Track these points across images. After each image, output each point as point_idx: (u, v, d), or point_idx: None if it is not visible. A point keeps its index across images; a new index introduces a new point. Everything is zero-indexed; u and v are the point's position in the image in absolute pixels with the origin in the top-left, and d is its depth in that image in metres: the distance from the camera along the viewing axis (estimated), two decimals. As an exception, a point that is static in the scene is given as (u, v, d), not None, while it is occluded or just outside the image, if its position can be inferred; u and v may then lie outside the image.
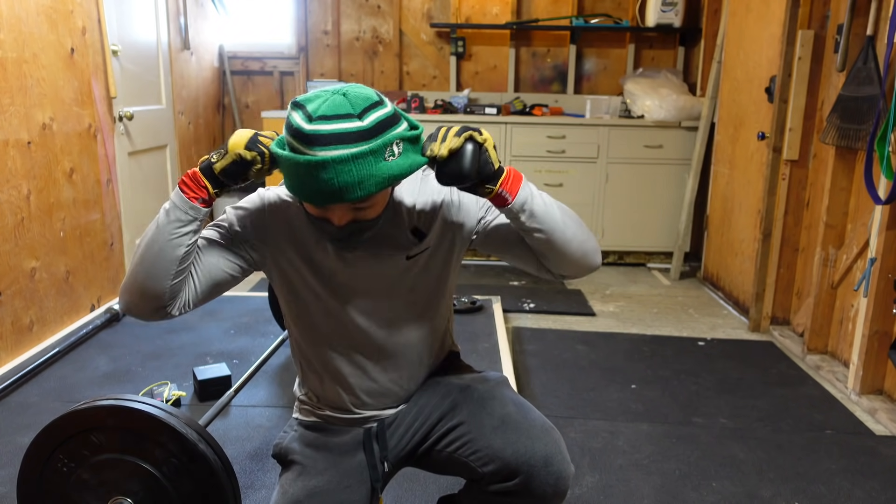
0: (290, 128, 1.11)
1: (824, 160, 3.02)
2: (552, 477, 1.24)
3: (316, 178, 1.07)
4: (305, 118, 1.09)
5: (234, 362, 2.71)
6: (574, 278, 1.30)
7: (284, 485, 1.31)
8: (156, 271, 1.18)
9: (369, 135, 1.09)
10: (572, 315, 3.54)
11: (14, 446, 2.09)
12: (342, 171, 1.07)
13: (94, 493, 1.32)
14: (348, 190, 1.08)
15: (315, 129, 1.07)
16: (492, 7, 4.69)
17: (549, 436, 1.27)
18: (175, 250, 1.18)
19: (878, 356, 2.58)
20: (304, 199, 1.13)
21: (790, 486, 2.04)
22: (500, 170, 1.19)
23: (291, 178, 1.12)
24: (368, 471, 1.33)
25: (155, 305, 1.21)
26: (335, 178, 1.07)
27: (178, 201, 1.19)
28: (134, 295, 1.21)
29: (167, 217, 1.19)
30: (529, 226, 1.21)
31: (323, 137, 1.07)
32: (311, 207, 1.20)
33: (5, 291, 2.63)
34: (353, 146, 1.07)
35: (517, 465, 1.24)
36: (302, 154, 1.08)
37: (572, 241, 1.23)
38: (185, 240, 1.19)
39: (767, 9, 3.36)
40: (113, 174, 3.40)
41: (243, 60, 4.86)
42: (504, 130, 4.29)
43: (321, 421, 1.42)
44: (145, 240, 1.20)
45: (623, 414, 2.47)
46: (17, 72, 2.65)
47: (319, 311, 1.33)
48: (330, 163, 1.06)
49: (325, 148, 1.07)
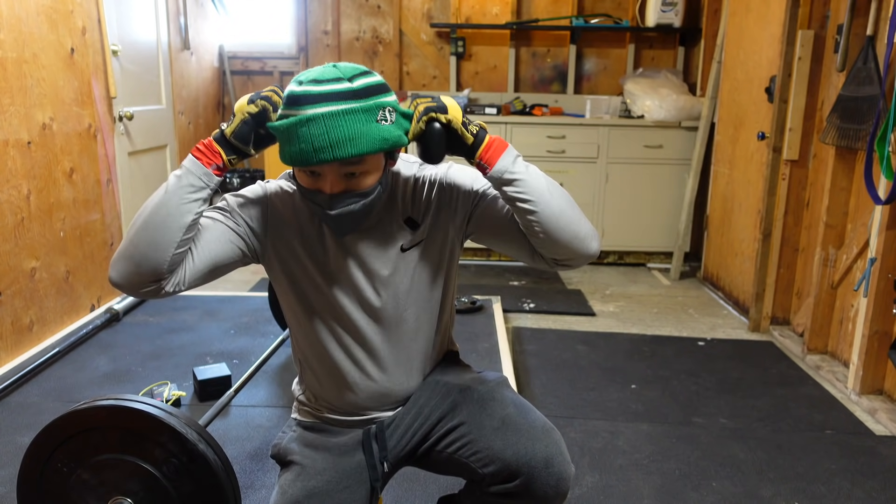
0: (286, 97, 1.16)
1: (824, 160, 3.02)
2: (553, 478, 1.23)
3: (308, 133, 1.11)
4: (296, 83, 1.15)
5: (234, 362, 2.71)
6: (569, 265, 1.26)
7: (283, 485, 1.31)
8: (160, 238, 1.15)
9: (359, 95, 1.13)
10: (572, 315, 3.54)
11: (14, 446, 2.09)
12: (333, 125, 1.10)
13: (94, 493, 1.32)
14: (339, 145, 1.11)
15: (305, 90, 1.12)
16: (492, 7, 4.69)
17: (549, 437, 1.27)
18: (183, 217, 1.16)
19: (878, 356, 2.58)
20: (297, 161, 1.14)
21: (790, 486, 2.04)
22: (476, 140, 1.20)
23: (285, 144, 1.15)
24: (368, 471, 1.33)
25: (152, 277, 1.17)
26: (325, 134, 1.10)
27: (192, 167, 1.18)
28: (131, 264, 1.17)
29: (179, 182, 1.17)
30: (513, 194, 1.20)
31: (312, 97, 1.12)
32: (304, 178, 1.20)
33: (5, 291, 2.63)
34: (344, 103, 1.11)
35: (518, 466, 1.23)
36: (293, 115, 1.13)
37: (561, 216, 1.20)
38: (194, 206, 1.17)
39: (767, 9, 3.36)
40: (113, 174, 3.40)
41: (243, 60, 4.86)
42: (504, 130, 4.30)
43: (320, 422, 1.42)
44: (150, 206, 1.18)
45: (623, 414, 2.47)
46: (17, 72, 2.65)
47: (318, 304, 1.33)
48: (320, 117, 1.10)
49: (315, 105, 1.11)
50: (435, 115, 1.18)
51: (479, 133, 1.22)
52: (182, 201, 1.16)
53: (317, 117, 1.10)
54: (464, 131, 1.20)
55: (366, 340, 1.34)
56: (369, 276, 1.31)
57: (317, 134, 1.10)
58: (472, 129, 1.21)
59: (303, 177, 1.21)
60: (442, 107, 1.19)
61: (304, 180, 1.21)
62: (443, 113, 1.19)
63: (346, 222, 1.22)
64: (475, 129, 1.22)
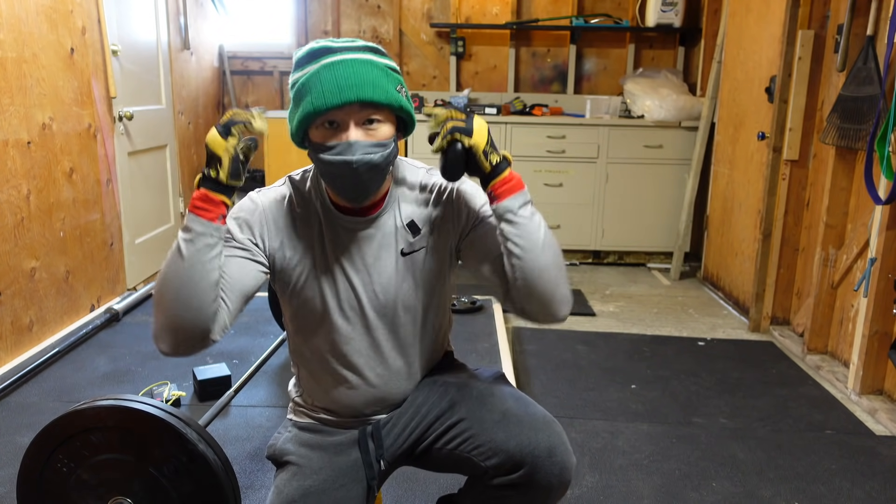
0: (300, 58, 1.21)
1: (824, 160, 3.02)
2: (556, 467, 1.24)
3: (332, 75, 1.15)
4: (314, 42, 1.20)
5: (234, 362, 2.71)
6: (534, 320, 1.28)
7: (279, 485, 1.31)
8: (196, 303, 1.15)
9: (376, 51, 1.20)
10: (572, 315, 3.51)
11: (14, 446, 2.09)
12: (358, 68, 1.16)
13: (94, 493, 1.32)
14: (364, 86, 1.15)
15: (325, 44, 1.19)
16: (492, 7, 4.69)
17: (551, 427, 1.28)
18: (210, 275, 1.16)
19: (878, 356, 2.58)
20: (318, 103, 1.16)
21: (790, 486, 2.04)
22: (494, 171, 1.21)
23: (305, 94, 1.17)
24: (364, 469, 1.33)
25: (200, 337, 1.18)
26: (352, 74, 1.16)
27: (201, 227, 1.16)
28: (178, 335, 1.17)
29: (194, 246, 1.15)
30: (509, 234, 1.20)
31: (334, 48, 1.18)
32: (321, 133, 1.20)
33: (5, 291, 2.63)
34: (368, 54, 1.19)
35: (521, 456, 1.24)
36: (317, 64, 1.17)
37: (543, 272, 1.20)
38: (217, 262, 1.17)
39: (767, 9, 3.36)
40: (113, 174, 3.40)
41: (243, 60, 4.86)
42: (504, 130, 4.30)
43: (316, 422, 1.42)
44: (174, 278, 1.16)
45: (623, 414, 2.47)
46: (17, 72, 2.65)
47: (318, 308, 1.33)
48: (347, 61, 1.16)
49: (337, 53, 1.17)
50: (458, 137, 1.18)
51: (499, 165, 1.22)
52: (205, 263, 1.15)
53: (343, 60, 1.15)
54: (483, 160, 1.20)
55: (364, 344, 1.34)
56: (368, 279, 1.31)
57: (342, 74, 1.15)
58: (493, 158, 1.21)
59: (320, 132, 1.20)
60: (468, 129, 1.19)
61: (322, 135, 1.20)
62: (467, 136, 1.19)
63: (364, 177, 1.20)
64: (496, 160, 1.21)
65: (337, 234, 1.31)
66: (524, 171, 4.27)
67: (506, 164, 1.22)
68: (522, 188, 1.22)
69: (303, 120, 1.19)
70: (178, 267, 1.15)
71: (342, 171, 1.19)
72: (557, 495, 1.27)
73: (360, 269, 1.31)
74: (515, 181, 1.21)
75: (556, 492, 1.26)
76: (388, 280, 1.32)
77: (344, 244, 1.30)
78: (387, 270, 1.31)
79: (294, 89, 1.20)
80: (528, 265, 1.20)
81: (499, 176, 1.21)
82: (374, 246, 1.30)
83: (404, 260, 1.32)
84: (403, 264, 1.32)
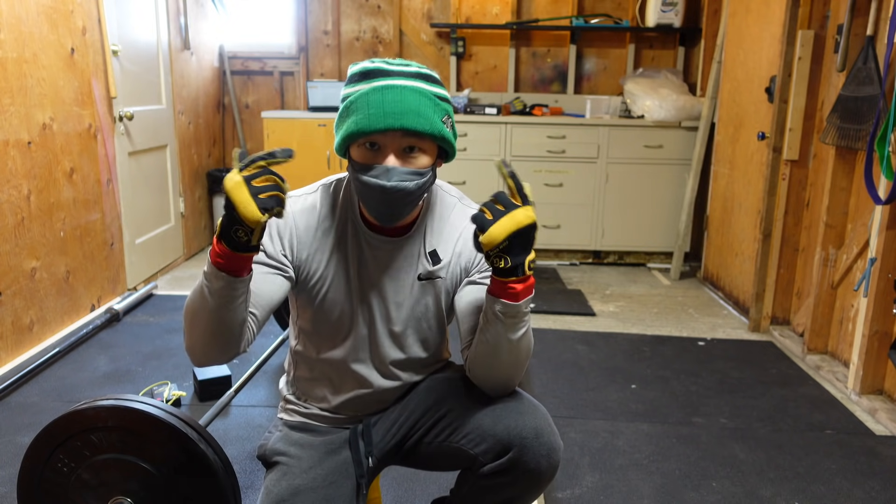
0: (353, 74, 1.22)
1: (824, 160, 3.02)
2: (544, 448, 1.25)
3: (381, 99, 1.15)
4: (368, 61, 1.21)
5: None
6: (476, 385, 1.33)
7: (269, 485, 1.32)
8: (227, 336, 1.18)
9: (427, 78, 1.20)
10: (572, 315, 3.54)
11: (14, 446, 2.09)
12: (406, 96, 1.16)
13: (94, 493, 1.33)
14: (408, 115, 1.16)
15: (378, 66, 1.20)
16: (492, 7, 4.69)
17: (537, 410, 1.29)
18: (239, 315, 1.17)
19: (878, 356, 2.58)
20: (363, 124, 1.16)
21: (790, 486, 2.04)
22: (503, 271, 1.16)
23: (352, 113, 1.18)
24: (354, 467, 1.35)
25: (231, 356, 1.23)
26: (399, 101, 1.15)
27: (227, 283, 1.12)
28: (208, 356, 1.22)
29: (220, 298, 1.13)
30: (493, 321, 1.20)
31: (386, 71, 1.19)
32: (361, 153, 1.20)
33: (5, 291, 2.63)
34: (417, 81, 1.19)
35: (509, 439, 1.25)
36: (368, 84, 1.18)
37: (499, 375, 1.26)
38: (245, 303, 1.18)
39: (767, 9, 3.36)
40: (113, 174, 3.40)
41: (243, 60, 4.86)
42: (504, 130, 4.30)
43: (307, 420, 1.44)
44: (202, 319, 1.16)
45: (623, 414, 2.47)
46: (17, 72, 2.65)
47: (335, 318, 1.34)
48: (397, 87, 1.17)
49: (389, 77, 1.18)
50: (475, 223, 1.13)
51: (513, 269, 1.15)
52: (232, 310, 1.15)
53: (393, 86, 1.16)
54: (490, 259, 1.15)
55: (372, 355, 1.37)
56: (384, 297, 1.33)
57: (390, 100, 1.15)
58: (508, 261, 1.14)
59: (360, 152, 1.21)
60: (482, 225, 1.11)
61: (362, 155, 1.21)
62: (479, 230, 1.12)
63: (397, 202, 1.21)
64: (511, 264, 1.15)
65: (361, 250, 1.32)
66: (524, 171, 4.28)
67: (522, 271, 1.15)
68: (531, 293, 1.18)
69: (346, 137, 1.20)
70: (204, 311, 1.15)
71: (376, 194, 1.20)
72: (547, 478, 1.28)
73: (377, 286, 1.32)
74: (526, 286, 1.17)
75: (545, 474, 1.27)
76: (402, 301, 1.34)
77: (366, 260, 1.32)
78: (402, 291, 1.33)
79: (343, 104, 1.22)
80: (490, 363, 1.25)
81: (508, 277, 1.16)
82: (394, 266, 1.32)
83: (421, 285, 1.34)
84: (419, 289, 1.34)
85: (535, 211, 1.13)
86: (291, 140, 4.36)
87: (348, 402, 1.40)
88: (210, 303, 1.14)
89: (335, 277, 1.32)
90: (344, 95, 1.23)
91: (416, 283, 1.33)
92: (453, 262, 1.35)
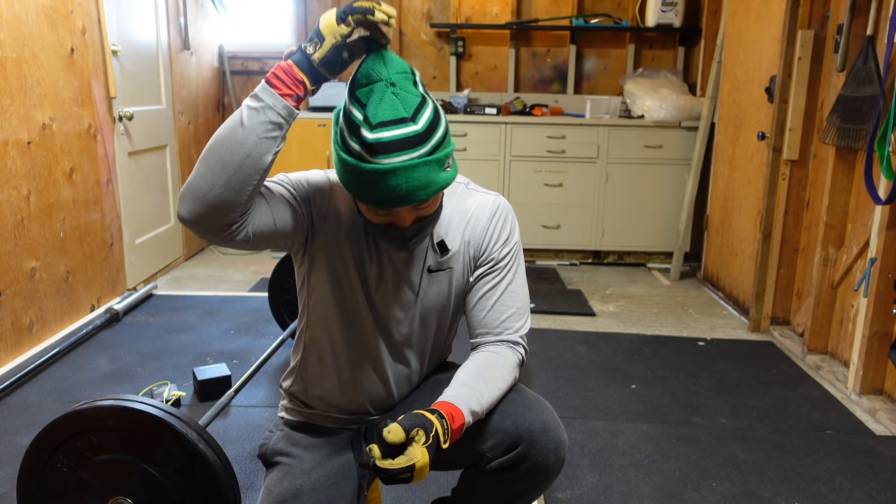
0: (350, 128, 1.11)
1: (824, 160, 3.02)
2: (552, 442, 1.25)
3: (385, 184, 1.10)
4: (367, 126, 1.09)
5: (234, 362, 2.71)
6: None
7: (269, 485, 1.32)
8: (237, 179, 1.07)
9: (424, 137, 1.11)
10: (572, 315, 3.54)
11: (14, 446, 2.09)
12: (411, 176, 1.10)
13: (94, 493, 1.33)
14: (415, 192, 1.11)
15: (378, 137, 1.08)
16: (492, 7, 4.69)
17: (543, 406, 1.30)
18: (263, 157, 1.08)
19: (878, 356, 2.58)
20: (372, 203, 1.14)
21: (790, 486, 2.04)
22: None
23: (356, 184, 1.13)
24: (355, 468, 1.34)
25: (224, 220, 1.10)
26: (404, 183, 1.10)
27: (272, 100, 1.08)
28: (204, 205, 1.08)
29: (257, 117, 1.07)
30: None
31: (387, 145, 1.08)
32: (373, 215, 1.20)
33: (5, 291, 2.63)
34: (414, 151, 1.10)
35: (518, 434, 1.25)
36: (368, 162, 1.09)
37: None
38: (273, 146, 1.09)
39: (767, 9, 3.36)
40: (113, 174, 3.40)
41: (243, 60, 4.86)
42: (504, 130, 4.30)
43: (308, 420, 1.43)
44: (224, 144, 1.08)
45: (623, 414, 2.47)
46: (17, 72, 2.65)
47: (352, 306, 1.33)
48: (400, 169, 1.09)
49: (390, 155, 1.09)
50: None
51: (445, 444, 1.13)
52: (262, 139, 1.07)
53: (397, 169, 1.09)
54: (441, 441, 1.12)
55: (382, 348, 1.36)
56: (398, 289, 1.33)
57: (395, 184, 1.10)
58: (444, 438, 1.13)
59: (372, 215, 1.20)
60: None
61: (375, 217, 1.20)
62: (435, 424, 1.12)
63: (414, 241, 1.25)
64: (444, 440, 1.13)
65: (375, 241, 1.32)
66: (524, 170, 4.29)
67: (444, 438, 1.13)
68: (460, 434, 1.17)
69: (357, 199, 1.17)
70: (234, 133, 1.08)
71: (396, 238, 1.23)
72: (554, 472, 1.28)
73: (393, 277, 1.32)
74: (452, 439, 1.15)
75: (553, 469, 1.27)
76: (412, 294, 1.34)
77: (379, 251, 1.31)
78: (413, 285, 1.33)
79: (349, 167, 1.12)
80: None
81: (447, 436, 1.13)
82: (406, 258, 1.32)
83: (430, 276, 1.34)
84: (428, 280, 1.34)
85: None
86: (291, 140, 4.36)
87: (355, 393, 1.38)
88: (244, 126, 1.07)
89: (348, 262, 1.30)
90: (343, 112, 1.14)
91: (425, 275, 1.33)
92: (462, 251, 1.34)
